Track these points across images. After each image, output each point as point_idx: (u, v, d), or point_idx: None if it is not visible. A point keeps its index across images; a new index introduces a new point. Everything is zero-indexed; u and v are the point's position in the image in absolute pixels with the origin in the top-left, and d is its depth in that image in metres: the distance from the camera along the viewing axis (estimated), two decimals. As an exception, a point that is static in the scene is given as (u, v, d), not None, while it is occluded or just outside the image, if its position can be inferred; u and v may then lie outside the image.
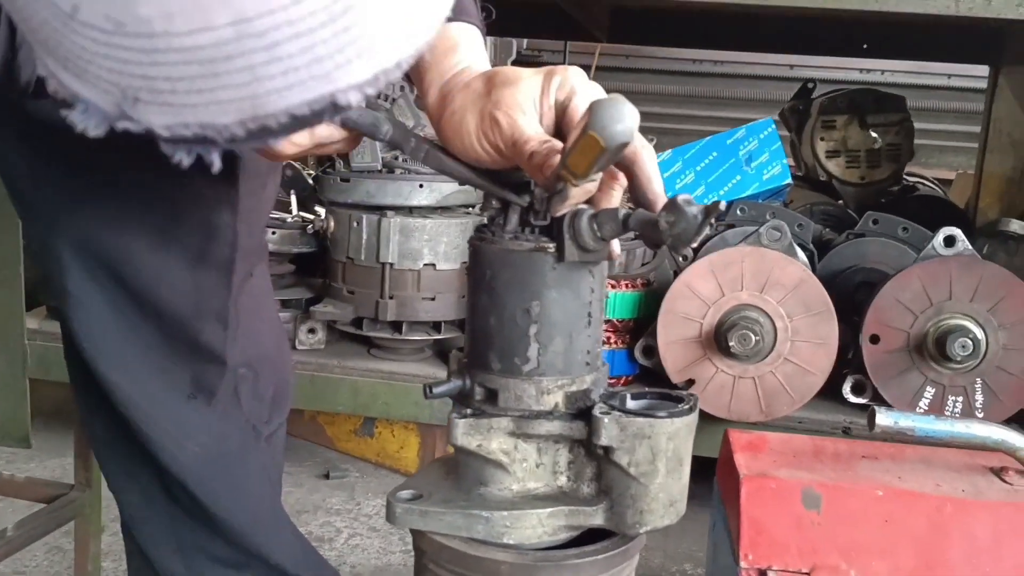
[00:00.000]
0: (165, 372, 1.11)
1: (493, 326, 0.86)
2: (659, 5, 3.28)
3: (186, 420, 1.13)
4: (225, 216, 1.05)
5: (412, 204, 1.99)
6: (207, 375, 1.13)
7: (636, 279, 2.00)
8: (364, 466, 2.27)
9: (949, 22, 3.09)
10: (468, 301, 0.90)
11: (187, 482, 1.14)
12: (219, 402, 1.15)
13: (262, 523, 1.23)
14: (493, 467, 0.89)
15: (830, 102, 3.27)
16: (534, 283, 0.84)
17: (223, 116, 0.35)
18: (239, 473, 1.19)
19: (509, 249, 0.84)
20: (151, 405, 1.11)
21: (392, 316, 2.01)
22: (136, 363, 1.10)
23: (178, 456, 1.13)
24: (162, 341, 1.10)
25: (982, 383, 1.81)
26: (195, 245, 1.07)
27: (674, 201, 0.73)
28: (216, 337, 1.12)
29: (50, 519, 1.40)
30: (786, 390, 1.82)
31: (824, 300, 1.80)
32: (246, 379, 1.17)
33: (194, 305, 1.09)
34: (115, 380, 1.10)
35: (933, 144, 5.66)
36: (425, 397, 0.90)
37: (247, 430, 1.19)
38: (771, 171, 2.24)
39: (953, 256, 1.83)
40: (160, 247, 1.06)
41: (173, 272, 1.07)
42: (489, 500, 0.90)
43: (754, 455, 1.31)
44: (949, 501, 1.18)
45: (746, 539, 1.20)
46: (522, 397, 0.86)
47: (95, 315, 1.07)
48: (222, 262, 1.09)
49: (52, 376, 2.31)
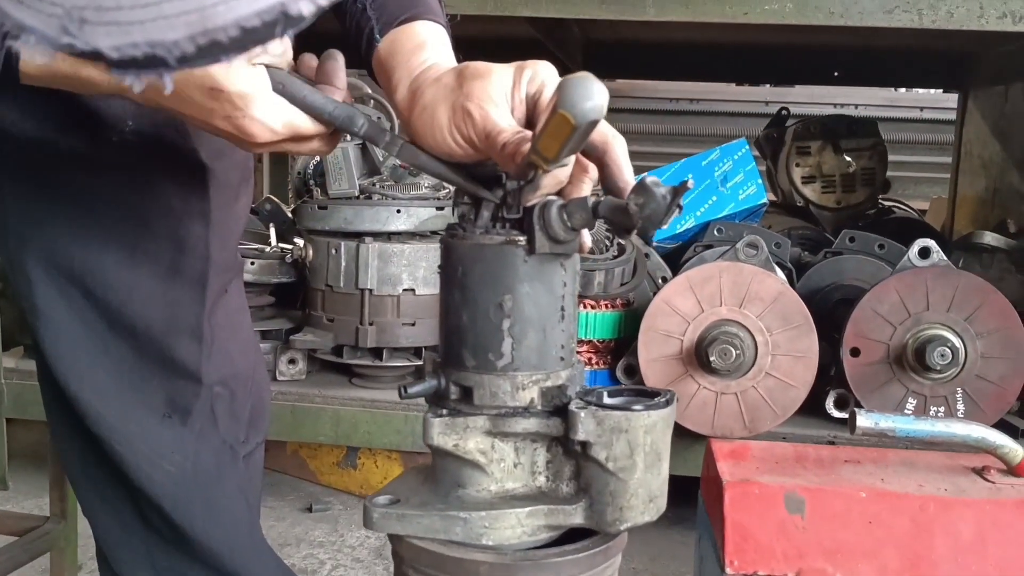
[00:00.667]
0: (138, 390, 1.10)
1: (466, 323, 0.86)
2: (630, 38, 3.34)
3: (160, 439, 1.11)
4: (197, 228, 1.05)
5: (390, 230, 1.99)
6: (182, 393, 1.12)
7: (615, 299, 2.00)
8: (347, 499, 2.24)
9: (918, 48, 3.16)
10: (441, 299, 0.90)
11: (162, 504, 1.13)
12: (195, 421, 1.13)
13: (240, 546, 1.20)
14: (470, 468, 0.88)
15: (804, 128, 3.31)
16: (506, 277, 0.84)
17: (172, 32, 0.35)
18: (215, 494, 1.17)
19: (480, 243, 0.84)
20: (124, 424, 1.09)
21: (372, 342, 2.00)
22: (108, 381, 1.09)
23: (153, 476, 1.11)
24: (135, 358, 1.09)
25: (962, 392, 1.81)
26: (167, 259, 1.06)
27: (642, 183, 0.73)
28: (191, 354, 1.11)
29: (24, 551, 1.37)
30: (769, 405, 1.81)
31: (803, 313, 1.80)
32: (222, 397, 1.16)
33: (167, 320, 1.08)
34: (86, 399, 1.08)
35: (907, 176, 5.73)
36: (400, 397, 0.89)
37: (223, 450, 1.18)
38: (747, 191, 2.26)
39: (929, 267, 1.84)
40: (130, 261, 1.05)
41: (144, 287, 1.07)
42: (467, 501, 0.88)
43: (737, 462, 1.31)
44: (932, 500, 1.17)
45: (731, 545, 1.19)
46: (497, 393, 0.86)
47: (64, 332, 1.06)
48: (195, 276, 1.08)
49: (29, 415, 2.28)
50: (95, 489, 1.17)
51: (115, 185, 1.01)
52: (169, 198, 1.02)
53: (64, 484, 1.43)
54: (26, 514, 1.56)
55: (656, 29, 2.97)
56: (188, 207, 1.04)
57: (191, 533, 1.14)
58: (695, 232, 2.30)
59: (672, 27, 2.86)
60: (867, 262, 2.18)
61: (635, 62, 3.80)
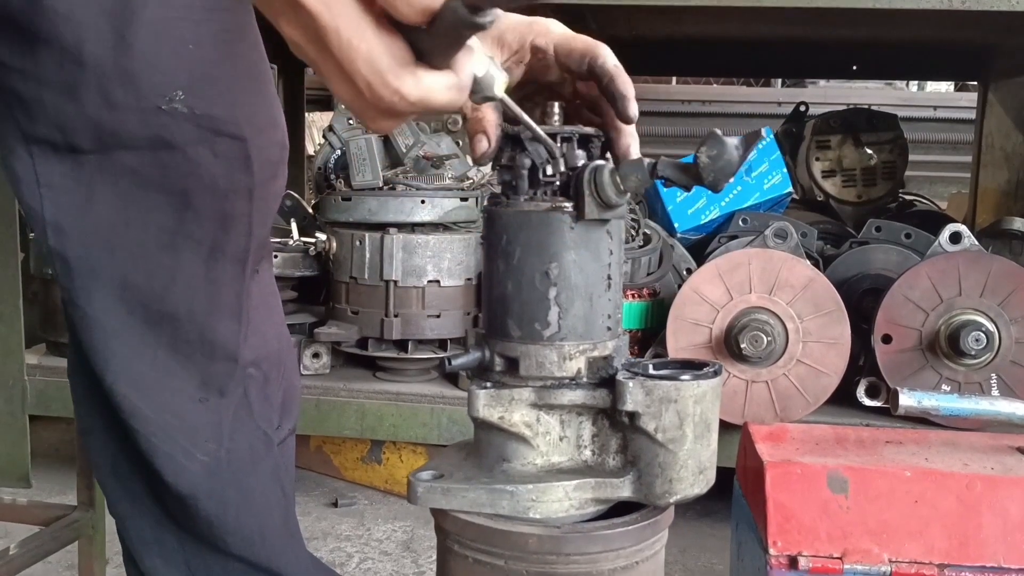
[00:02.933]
0: (175, 376, 1.08)
1: (511, 292, 0.85)
2: (648, 35, 3.33)
3: (195, 426, 1.09)
4: (241, 205, 1.04)
5: (414, 220, 1.98)
6: (217, 375, 1.10)
7: (642, 289, 1.98)
8: (372, 494, 2.22)
9: (937, 40, 3.13)
10: (484, 271, 0.88)
11: (197, 496, 1.10)
12: (229, 404, 1.11)
13: (273, 535, 1.19)
14: (516, 441, 0.87)
15: (824, 123, 3.29)
16: (552, 244, 0.83)
17: None
18: (250, 482, 1.15)
19: (525, 211, 0.83)
20: (160, 414, 1.07)
21: (397, 335, 1.98)
22: (145, 370, 1.07)
23: (188, 467, 1.09)
24: (173, 343, 1.07)
25: (997, 378, 1.78)
26: (209, 239, 1.04)
27: (713, 134, 0.71)
28: (230, 334, 1.09)
29: (53, 539, 1.36)
30: (800, 392, 1.79)
31: (835, 299, 1.78)
32: (255, 380, 1.14)
33: (209, 301, 1.06)
34: (122, 392, 1.06)
35: (922, 175, 5.70)
36: (445, 370, 0.87)
37: (258, 436, 1.16)
38: (772, 180, 2.24)
39: (960, 252, 1.82)
40: (172, 244, 1.04)
41: (187, 270, 1.05)
42: (512, 475, 0.87)
43: (776, 444, 1.29)
44: (979, 479, 1.15)
45: (774, 526, 1.17)
46: (544, 364, 0.84)
47: (103, 322, 1.04)
48: (237, 254, 1.07)
49: (53, 411, 2.28)
50: (124, 488, 1.15)
51: (158, 165, 0.99)
52: (215, 176, 1.01)
53: (91, 472, 1.42)
54: (53, 503, 1.55)
55: (673, 23, 2.95)
56: (233, 184, 1.02)
57: (223, 523, 1.12)
58: (719, 223, 2.28)
59: (690, 21, 2.84)
60: (894, 251, 2.15)
61: (651, 59, 3.78)
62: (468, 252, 2.02)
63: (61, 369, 2.23)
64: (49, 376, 2.25)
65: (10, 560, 1.27)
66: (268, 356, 1.15)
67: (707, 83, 6.34)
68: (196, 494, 1.10)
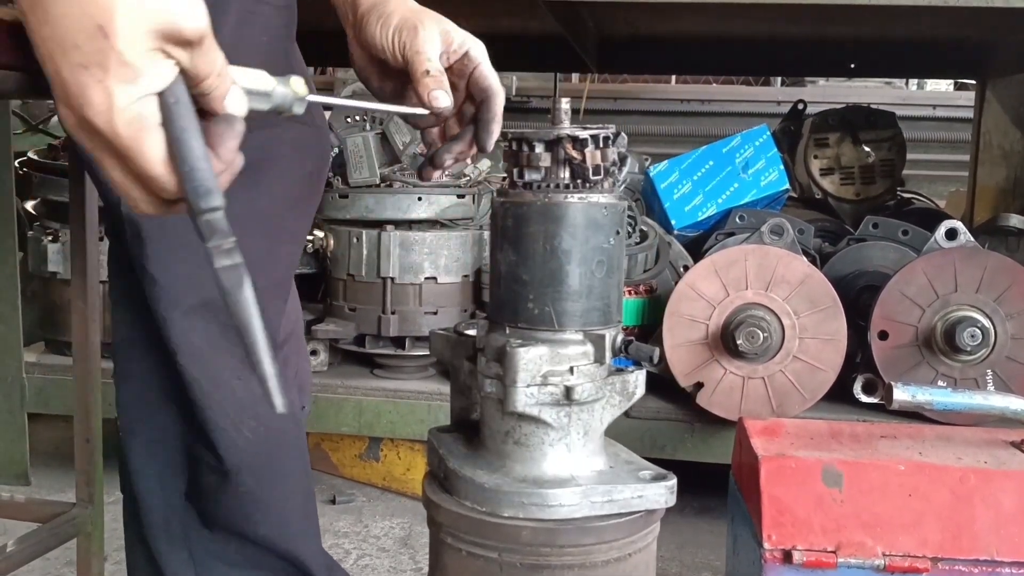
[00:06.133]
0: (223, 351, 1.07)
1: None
2: (646, 33, 3.33)
3: (241, 402, 1.09)
4: (310, 185, 1.08)
5: (411, 218, 1.99)
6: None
7: (639, 285, 1.98)
8: (370, 491, 2.23)
9: (935, 37, 3.14)
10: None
11: (241, 469, 1.10)
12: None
13: (296, 518, 1.18)
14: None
15: (822, 120, 3.28)
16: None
17: None
18: (282, 460, 1.15)
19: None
20: (215, 387, 1.07)
21: (395, 331, 1.99)
22: (201, 343, 1.06)
23: (236, 440, 1.09)
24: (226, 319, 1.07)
25: (993, 374, 1.79)
26: (278, 220, 1.07)
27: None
28: (276, 312, 1.10)
29: (51, 536, 1.36)
30: (797, 389, 1.80)
31: (831, 295, 1.78)
32: (282, 360, 1.14)
33: (267, 277, 1.06)
34: (183, 362, 1.05)
35: (921, 174, 5.70)
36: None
37: (288, 416, 1.16)
38: (768, 177, 2.24)
39: (956, 248, 1.82)
40: (238, 219, 1.05)
41: (252, 246, 1.05)
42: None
43: (771, 439, 1.29)
44: (972, 472, 1.16)
45: (768, 520, 1.17)
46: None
47: (169, 290, 1.03)
48: (296, 234, 1.09)
49: (51, 409, 2.28)
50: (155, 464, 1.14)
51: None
52: (284, 157, 1.04)
53: (91, 470, 1.43)
54: (52, 500, 1.55)
55: (672, 22, 2.95)
56: (303, 163, 1.07)
57: (258, 501, 1.12)
58: (716, 220, 2.28)
59: (688, 19, 2.84)
60: (891, 248, 2.15)
61: (650, 58, 3.78)
62: (465, 249, 2.02)
63: (59, 367, 2.23)
64: (48, 374, 2.25)
65: (8, 557, 1.27)
66: (291, 335, 1.16)
67: (706, 82, 6.34)
68: (240, 468, 1.10)
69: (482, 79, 0.97)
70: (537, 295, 0.86)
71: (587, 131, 0.86)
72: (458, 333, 0.97)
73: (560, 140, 0.86)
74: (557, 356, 0.85)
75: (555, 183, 0.87)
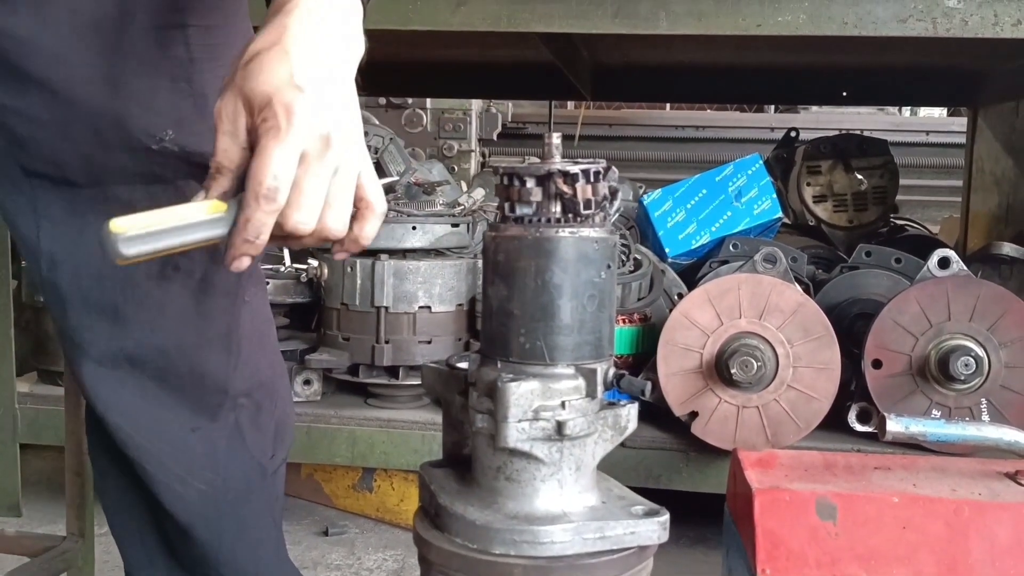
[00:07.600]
0: (164, 406, 1.08)
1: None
2: (639, 61, 3.36)
3: (191, 456, 1.10)
4: None
5: (405, 247, 1.99)
6: (207, 405, 1.11)
7: (633, 314, 1.98)
8: (364, 522, 2.21)
9: (927, 65, 3.17)
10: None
11: (193, 525, 1.10)
12: (221, 431, 1.12)
13: (266, 565, 1.19)
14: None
15: (814, 148, 3.31)
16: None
17: None
18: (245, 512, 1.15)
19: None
20: (153, 442, 1.08)
21: (388, 361, 1.98)
22: (134, 399, 1.07)
23: (185, 496, 1.09)
24: (163, 375, 1.08)
25: (987, 403, 1.78)
26: (199, 271, 1.05)
27: None
28: (220, 366, 1.09)
29: (41, 570, 1.35)
30: (791, 418, 1.79)
31: (824, 324, 1.78)
32: (247, 410, 1.14)
33: (198, 334, 1.07)
34: (114, 421, 1.07)
35: (915, 199, 5.74)
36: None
37: (253, 467, 1.16)
38: (761, 206, 2.25)
39: (949, 277, 1.83)
40: (161, 277, 1.04)
41: (176, 303, 1.05)
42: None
43: (765, 470, 1.29)
44: (967, 504, 1.15)
45: (762, 553, 1.17)
46: None
47: (91, 355, 1.05)
48: (228, 287, 1.07)
49: (43, 440, 2.27)
50: (128, 513, 1.15)
51: (150, 198, 1.00)
52: None
53: (82, 503, 1.42)
54: (43, 534, 1.55)
55: (664, 51, 2.98)
56: None
57: (218, 554, 1.12)
58: (710, 248, 2.29)
59: (680, 48, 2.87)
60: (884, 276, 2.16)
61: (643, 86, 3.81)
62: (459, 278, 2.02)
63: (52, 397, 2.22)
64: (40, 404, 2.24)
65: (-4, 591, 1.26)
66: (260, 385, 1.15)
67: (700, 108, 6.38)
68: (193, 523, 1.10)
69: None
70: (528, 329, 0.86)
71: (578, 166, 0.87)
72: (450, 367, 0.96)
73: (551, 175, 0.86)
74: (548, 391, 0.85)
75: (546, 217, 0.87)
